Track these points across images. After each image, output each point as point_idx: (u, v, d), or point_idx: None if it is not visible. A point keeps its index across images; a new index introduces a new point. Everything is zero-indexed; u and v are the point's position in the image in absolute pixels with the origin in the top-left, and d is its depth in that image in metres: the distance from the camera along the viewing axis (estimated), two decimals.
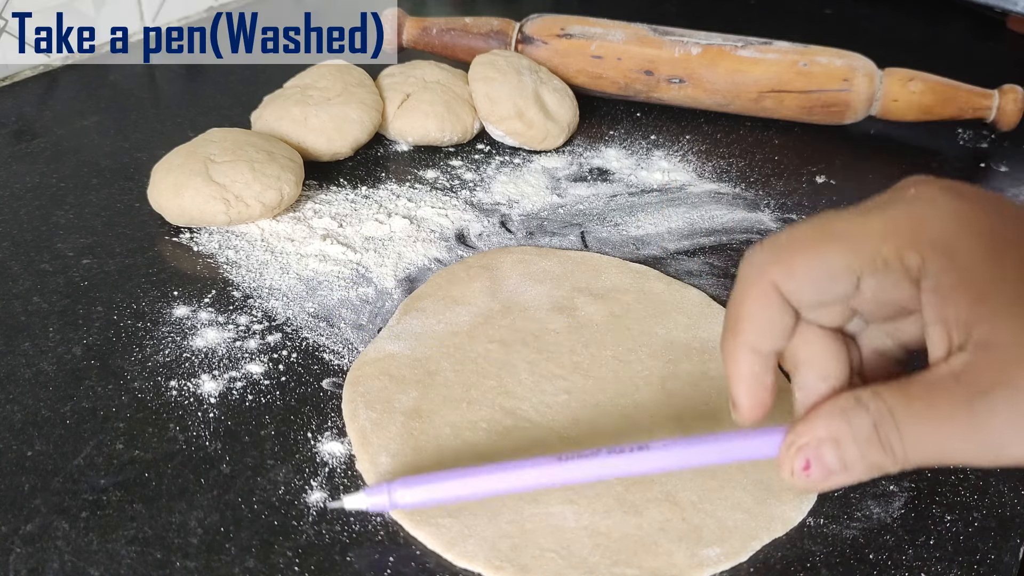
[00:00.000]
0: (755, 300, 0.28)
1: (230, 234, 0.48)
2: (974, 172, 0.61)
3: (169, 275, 0.45)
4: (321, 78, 0.57)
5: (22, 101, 0.62)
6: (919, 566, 0.32)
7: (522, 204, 0.53)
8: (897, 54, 0.64)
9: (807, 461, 0.27)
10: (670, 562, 0.32)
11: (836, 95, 0.61)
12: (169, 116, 0.61)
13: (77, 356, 0.39)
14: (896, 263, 0.26)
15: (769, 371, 0.29)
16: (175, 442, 0.35)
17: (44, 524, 0.32)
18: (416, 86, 0.58)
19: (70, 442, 0.35)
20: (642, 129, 0.63)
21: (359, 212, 0.51)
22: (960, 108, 0.61)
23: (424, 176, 0.55)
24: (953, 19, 0.87)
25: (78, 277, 0.44)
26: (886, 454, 0.26)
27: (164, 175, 0.48)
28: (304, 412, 0.37)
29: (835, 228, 0.27)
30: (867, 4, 0.89)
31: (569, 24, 0.64)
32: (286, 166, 0.49)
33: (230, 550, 0.31)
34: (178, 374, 0.39)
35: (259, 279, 0.45)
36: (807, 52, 0.62)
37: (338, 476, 0.34)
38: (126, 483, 0.34)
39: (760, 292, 0.28)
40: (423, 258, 0.48)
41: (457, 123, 0.57)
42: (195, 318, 0.42)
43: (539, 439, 0.36)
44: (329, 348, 0.41)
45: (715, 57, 0.62)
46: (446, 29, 0.65)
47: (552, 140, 0.58)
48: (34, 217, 0.49)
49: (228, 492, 0.33)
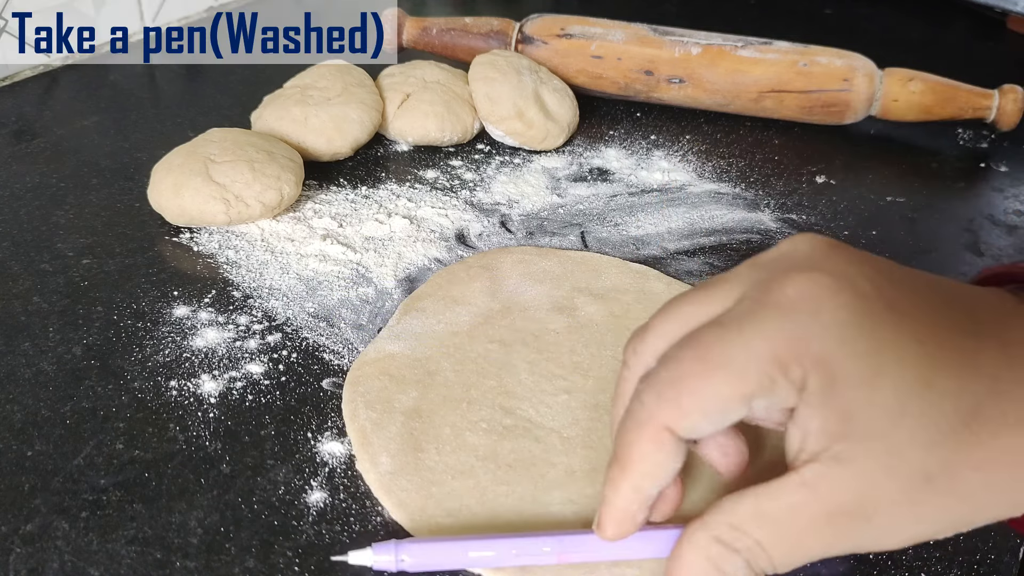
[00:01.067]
0: (647, 443, 0.27)
1: (230, 234, 0.48)
2: (974, 172, 0.61)
3: (169, 275, 0.45)
4: (321, 78, 0.57)
5: (22, 101, 0.62)
6: (919, 566, 0.32)
7: (522, 204, 0.53)
8: (897, 54, 0.64)
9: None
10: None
11: (836, 95, 0.61)
12: (169, 116, 0.61)
13: (77, 356, 0.39)
14: (782, 380, 0.25)
15: (644, 510, 0.28)
16: (175, 442, 0.35)
17: (44, 524, 0.32)
18: (416, 86, 0.58)
19: (70, 442, 0.35)
20: (642, 129, 0.63)
21: (359, 212, 0.51)
22: (960, 108, 0.61)
23: (424, 176, 0.55)
24: (953, 19, 0.87)
25: (78, 277, 0.44)
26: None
27: (164, 175, 0.48)
28: (304, 412, 0.37)
29: (716, 356, 0.26)
30: (867, 4, 0.89)
31: (569, 24, 0.64)
32: (286, 166, 0.49)
33: (230, 550, 0.31)
34: (178, 374, 0.39)
35: (259, 279, 0.45)
36: (807, 52, 0.62)
37: (338, 476, 0.34)
38: (126, 483, 0.34)
39: (651, 435, 0.26)
40: (423, 258, 0.48)
41: (457, 123, 0.57)
42: (195, 318, 0.42)
43: (539, 439, 0.36)
44: (329, 348, 0.41)
45: (715, 57, 0.62)
46: (446, 29, 0.65)
47: (552, 140, 0.58)
48: (34, 217, 0.49)
49: (228, 492, 0.33)
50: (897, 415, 0.25)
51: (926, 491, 0.25)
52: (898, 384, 0.25)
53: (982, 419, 0.25)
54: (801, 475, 0.25)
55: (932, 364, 0.25)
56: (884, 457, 0.25)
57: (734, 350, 0.25)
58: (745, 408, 0.26)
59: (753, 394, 0.25)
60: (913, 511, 0.25)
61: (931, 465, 0.25)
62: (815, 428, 0.25)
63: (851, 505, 0.25)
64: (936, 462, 0.25)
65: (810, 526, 0.25)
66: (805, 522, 0.25)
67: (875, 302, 0.26)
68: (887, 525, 0.25)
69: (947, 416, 0.25)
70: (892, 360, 0.25)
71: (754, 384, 0.25)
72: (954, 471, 0.25)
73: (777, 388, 0.25)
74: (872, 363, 0.25)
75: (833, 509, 0.25)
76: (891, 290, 0.26)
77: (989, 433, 0.25)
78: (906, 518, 0.25)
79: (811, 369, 0.25)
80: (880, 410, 0.25)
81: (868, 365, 0.25)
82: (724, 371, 0.25)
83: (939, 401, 0.25)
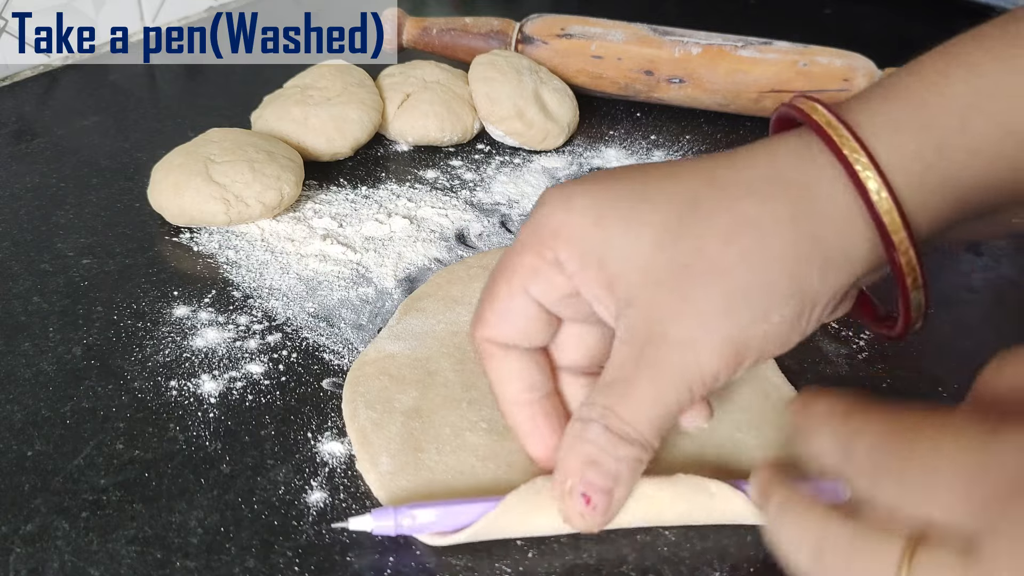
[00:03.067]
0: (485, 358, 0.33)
1: (230, 234, 0.48)
2: None
3: (169, 275, 0.45)
4: (321, 78, 0.57)
5: (22, 101, 0.62)
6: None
7: (522, 204, 0.53)
8: (897, 54, 0.64)
9: (585, 497, 0.29)
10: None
11: (836, 95, 0.61)
12: (169, 116, 0.61)
13: (77, 356, 0.39)
14: (542, 264, 0.30)
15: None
16: (175, 442, 0.35)
17: (44, 524, 0.32)
18: (416, 86, 0.58)
19: (70, 442, 0.35)
20: (642, 129, 0.63)
21: (359, 212, 0.51)
22: None
23: (424, 176, 0.55)
24: (953, 19, 0.86)
25: (78, 277, 0.44)
26: (631, 443, 0.29)
27: (164, 175, 0.48)
28: (304, 412, 0.37)
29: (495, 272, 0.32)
30: (867, 4, 0.89)
31: (569, 24, 0.64)
32: (286, 166, 0.49)
33: (230, 550, 0.31)
34: (178, 374, 0.39)
35: (259, 279, 0.45)
36: (807, 52, 0.62)
37: (338, 476, 0.34)
38: (126, 483, 0.34)
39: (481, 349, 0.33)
40: (423, 258, 0.48)
41: (457, 123, 0.57)
42: (195, 318, 0.42)
43: None
44: (329, 348, 0.41)
45: (715, 57, 0.62)
46: (446, 29, 0.65)
47: (552, 140, 0.58)
48: (34, 217, 0.49)
49: (228, 492, 0.34)
50: (629, 237, 0.29)
51: (692, 278, 0.28)
52: (620, 213, 0.29)
53: (705, 202, 0.29)
54: (617, 335, 0.30)
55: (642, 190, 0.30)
56: (640, 274, 0.29)
57: (503, 262, 0.32)
58: (527, 298, 0.31)
59: (524, 281, 0.31)
60: (698, 307, 0.28)
61: (679, 258, 0.28)
62: (601, 293, 0.30)
63: (647, 333, 0.28)
64: (685, 250, 0.28)
65: (633, 372, 0.29)
66: (629, 370, 0.29)
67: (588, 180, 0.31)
68: (683, 338, 0.28)
69: (669, 214, 0.29)
70: (607, 201, 0.30)
71: (524, 273, 0.31)
72: (704, 251, 0.28)
73: (541, 271, 0.30)
74: (591, 211, 0.30)
75: (642, 344, 0.28)
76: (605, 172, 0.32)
77: (721, 209, 0.29)
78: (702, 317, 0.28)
79: (554, 244, 0.30)
80: (618, 241, 0.29)
81: (590, 214, 0.30)
82: (500, 272, 0.32)
83: (655, 208, 0.29)
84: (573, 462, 0.29)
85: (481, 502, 0.31)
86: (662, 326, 0.28)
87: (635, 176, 0.31)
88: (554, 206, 0.30)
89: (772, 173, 0.29)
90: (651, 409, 0.29)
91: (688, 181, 0.30)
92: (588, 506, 0.29)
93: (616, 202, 0.30)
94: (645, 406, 0.29)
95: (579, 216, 0.30)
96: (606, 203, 0.30)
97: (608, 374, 0.30)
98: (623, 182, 0.30)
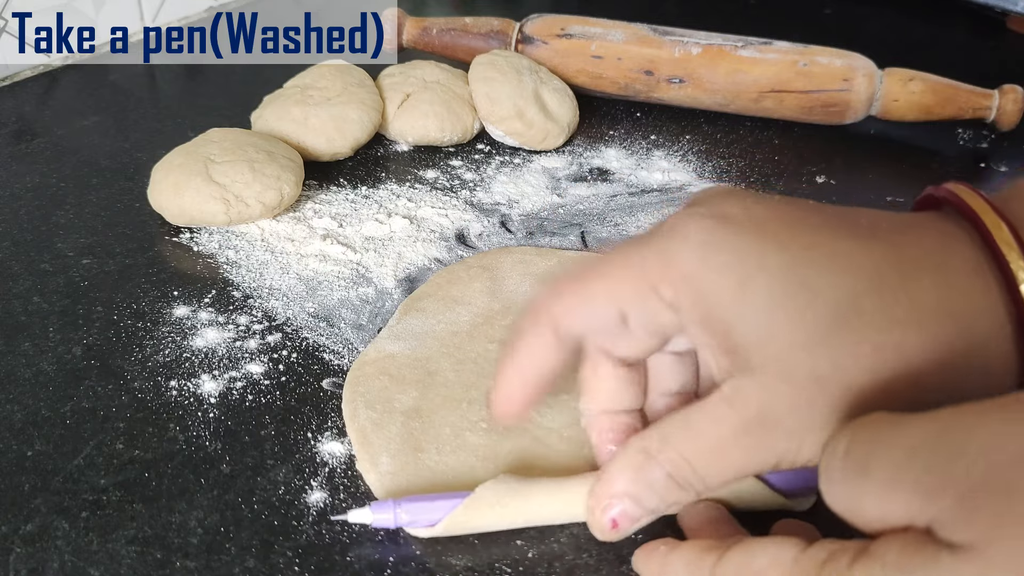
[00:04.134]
0: (531, 332, 0.30)
1: (230, 234, 0.48)
2: (974, 172, 0.61)
3: (169, 275, 0.45)
4: (321, 78, 0.57)
5: (22, 101, 0.62)
6: None
7: (522, 204, 0.53)
8: (897, 54, 0.64)
9: (614, 521, 0.28)
10: None
11: (836, 95, 0.61)
12: (169, 116, 0.61)
13: (77, 356, 0.39)
14: (653, 297, 0.27)
15: (527, 398, 0.30)
16: (175, 442, 0.35)
17: (44, 524, 0.32)
18: (416, 86, 0.58)
19: (70, 442, 0.35)
20: (642, 129, 0.63)
21: (359, 212, 0.51)
22: (960, 108, 0.61)
23: (424, 176, 0.55)
24: (953, 19, 0.86)
25: (78, 277, 0.44)
26: (686, 491, 0.28)
27: (164, 175, 0.48)
28: (304, 412, 0.37)
29: (600, 267, 0.29)
30: (867, 4, 0.89)
31: (569, 24, 0.64)
32: (286, 166, 0.49)
33: (230, 550, 0.31)
34: (178, 374, 0.39)
35: (259, 279, 0.45)
36: (807, 52, 0.62)
37: (338, 476, 0.34)
38: (126, 483, 0.34)
39: (535, 324, 0.29)
40: (423, 258, 0.48)
41: (457, 123, 0.57)
42: (195, 318, 0.42)
43: (539, 439, 0.36)
44: (329, 348, 0.41)
45: (715, 57, 0.62)
46: (446, 29, 0.65)
47: (552, 140, 0.58)
48: (34, 217, 0.49)
49: (228, 492, 0.34)
50: (771, 320, 0.26)
51: (823, 393, 0.25)
52: (769, 288, 0.26)
53: (864, 314, 0.25)
54: (721, 390, 0.27)
55: (803, 266, 0.26)
56: (773, 362, 0.26)
57: (613, 265, 0.28)
58: (618, 318, 0.28)
59: (623, 303, 0.28)
60: (813, 414, 0.26)
61: (819, 365, 0.25)
62: (717, 352, 0.27)
63: (759, 413, 0.26)
64: (824, 362, 0.25)
65: (730, 437, 0.27)
66: (726, 433, 0.27)
67: (740, 223, 0.27)
68: (794, 429, 0.26)
69: (823, 315, 0.25)
70: (755, 267, 0.26)
71: (626, 294, 0.28)
72: (843, 369, 0.25)
73: (648, 304, 0.28)
74: (735, 272, 0.26)
75: (747, 418, 0.26)
76: (762, 210, 0.28)
77: (875, 329, 0.25)
78: (811, 422, 0.26)
79: (680, 288, 0.27)
80: (753, 317, 0.26)
81: (732, 275, 0.26)
82: (602, 278, 0.28)
83: (812, 300, 0.26)
84: (619, 487, 0.28)
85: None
86: (777, 415, 0.26)
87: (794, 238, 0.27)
88: (692, 249, 0.27)
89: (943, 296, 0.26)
90: (731, 473, 0.27)
91: (854, 275, 0.26)
92: (611, 528, 0.29)
93: (767, 273, 0.26)
94: (729, 471, 0.27)
95: (717, 274, 0.26)
96: (754, 268, 0.26)
97: (697, 421, 0.27)
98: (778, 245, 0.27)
